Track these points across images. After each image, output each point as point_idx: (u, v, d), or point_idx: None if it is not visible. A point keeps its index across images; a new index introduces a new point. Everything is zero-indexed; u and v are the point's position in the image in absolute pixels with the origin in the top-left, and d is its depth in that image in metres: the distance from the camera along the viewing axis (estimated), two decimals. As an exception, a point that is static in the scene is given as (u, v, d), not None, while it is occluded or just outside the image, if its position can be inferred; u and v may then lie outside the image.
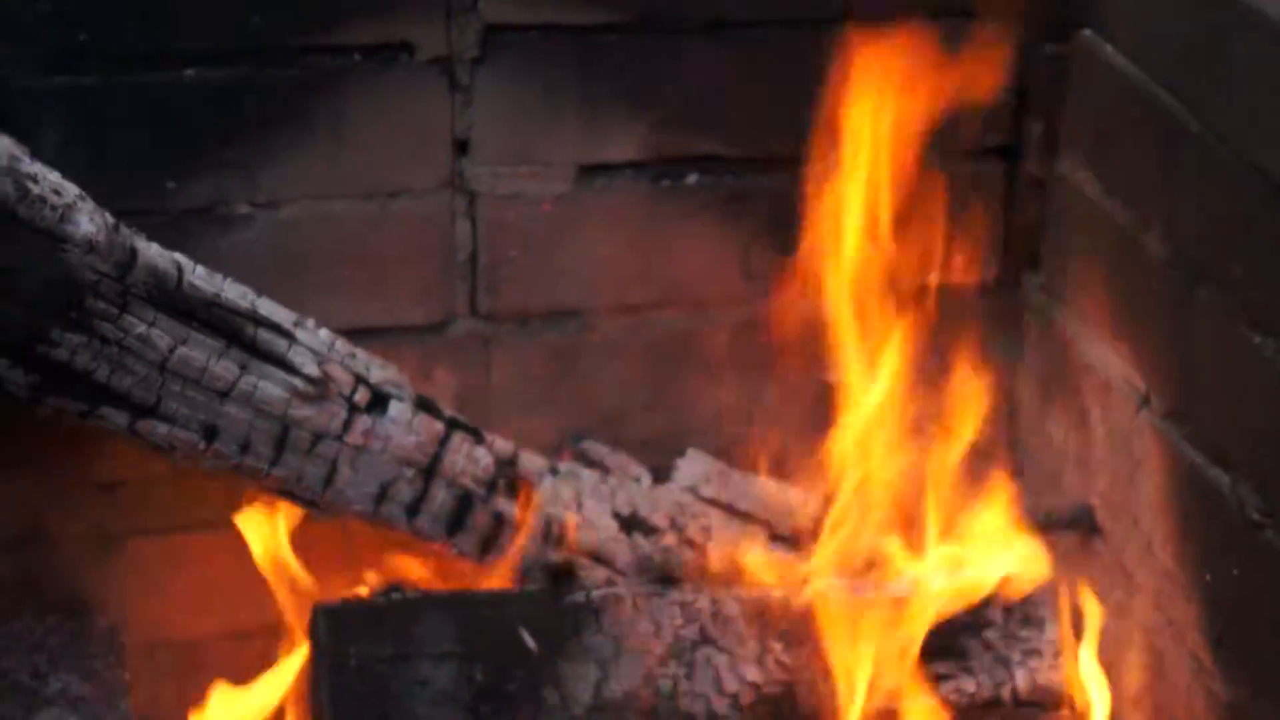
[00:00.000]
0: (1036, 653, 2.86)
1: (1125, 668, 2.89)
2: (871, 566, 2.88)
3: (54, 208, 2.52)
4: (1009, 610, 2.87)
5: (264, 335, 2.69)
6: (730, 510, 2.98)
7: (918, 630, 2.80)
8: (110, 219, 2.58)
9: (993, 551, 2.87)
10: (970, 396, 2.96)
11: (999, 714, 2.83)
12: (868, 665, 2.79)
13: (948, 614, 2.82)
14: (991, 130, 3.00)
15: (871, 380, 2.93)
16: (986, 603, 2.84)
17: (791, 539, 2.99)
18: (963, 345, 2.98)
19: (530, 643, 2.76)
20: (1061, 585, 2.89)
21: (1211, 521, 2.70)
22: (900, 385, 2.94)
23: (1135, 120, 2.82)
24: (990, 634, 2.86)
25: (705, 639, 2.80)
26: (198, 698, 2.80)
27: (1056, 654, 2.86)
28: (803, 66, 2.86)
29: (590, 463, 2.97)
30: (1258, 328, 2.59)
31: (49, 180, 2.53)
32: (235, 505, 2.84)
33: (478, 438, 2.83)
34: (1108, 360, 2.91)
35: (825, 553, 2.88)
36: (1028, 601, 2.87)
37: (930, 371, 2.96)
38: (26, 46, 2.65)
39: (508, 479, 2.85)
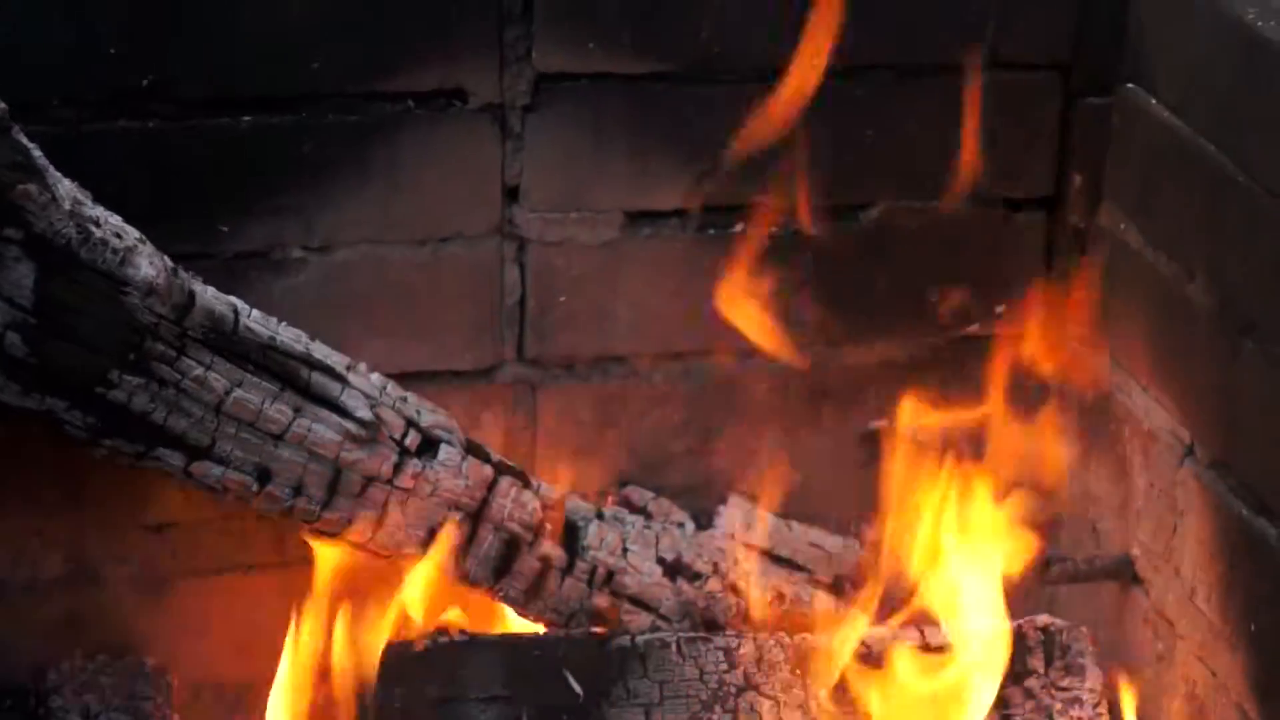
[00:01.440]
0: (1078, 701, 2.87)
1: (1168, 718, 2.90)
2: (914, 616, 2.90)
3: (115, 251, 2.54)
4: (1050, 658, 2.89)
5: (318, 379, 2.71)
6: (773, 557, 2.99)
7: (956, 680, 2.82)
8: (169, 262, 2.60)
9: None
10: (1014, 449, 2.98)
11: (1042, 762, 2.85)
12: (911, 714, 2.80)
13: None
14: (1033, 181, 3.03)
15: (916, 429, 2.96)
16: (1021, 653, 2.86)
17: (834, 586, 3.00)
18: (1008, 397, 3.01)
19: (576, 687, 2.77)
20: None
21: (1256, 572, 2.72)
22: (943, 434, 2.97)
23: (1178, 171, 2.84)
24: (1031, 682, 2.88)
25: (749, 684, 2.81)
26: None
27: (1097, 703, 2.87)
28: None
29: (634, 508, 2.98)
30: (1304, 379, 2.61)
31: (111, 224, 2.55)
32: (283, 548, 2.86)
33: (525, 482, 2.85)
34: (1150, 410, 2.93)
35: (869, 601, 2.89)
36: (1069, 650, 2.88)
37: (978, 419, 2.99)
38: (91, 90, 2.67)
39: (553, 524, 2.86)
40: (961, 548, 2.94)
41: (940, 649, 2.85)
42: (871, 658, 2.83)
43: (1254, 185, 2.68)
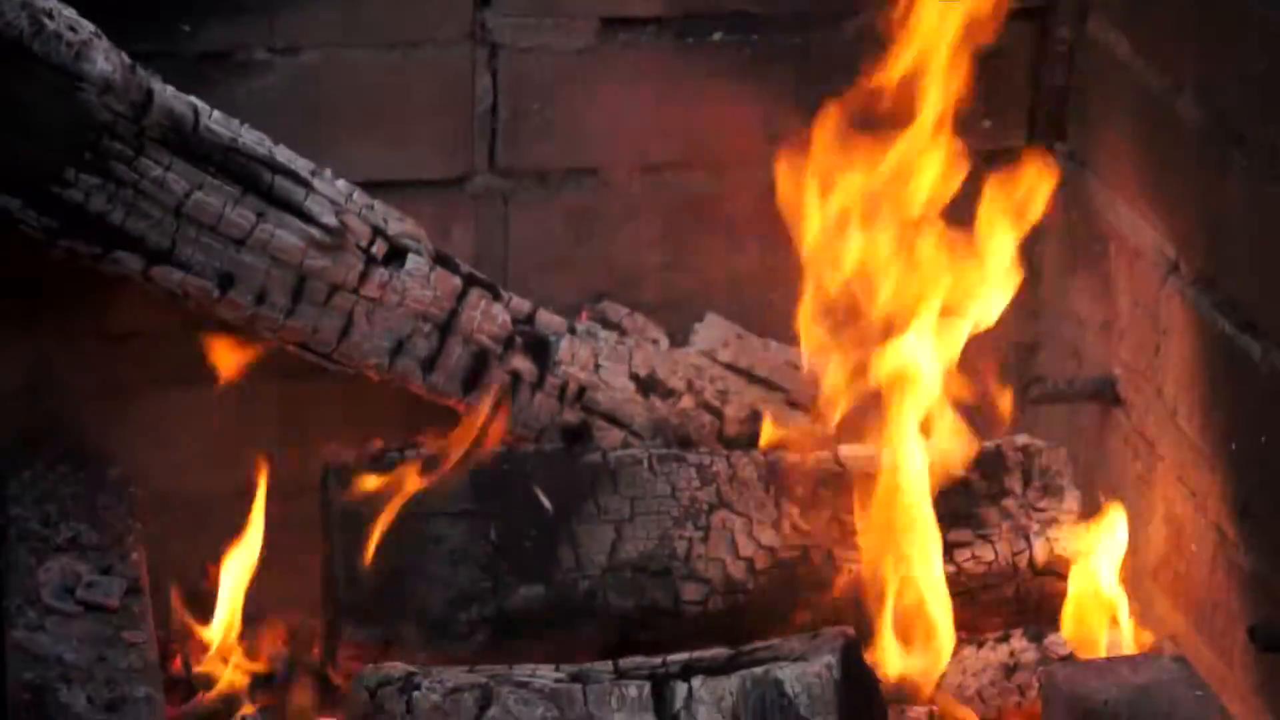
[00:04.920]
0: (1055, 522, 2.83)
1: (1146, 539, 2.86)
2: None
3: (69, 44, 2.48)
4: (1028, 479, 2.85)
5: (281, 183, 2.65)
6: (748, 375, 2.94)
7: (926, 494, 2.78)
8: (126, 59, 2.54)
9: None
10: (996, 265, 2.92)
11: (1016, 583, 2.81)
12: (884, 531, 2.76)
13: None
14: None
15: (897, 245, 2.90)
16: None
17: (808, 405, 2.95)
18: (989, 212, 2.94)
19: (545, 503, 2.73)
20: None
21: (1239, 390, 2.67)
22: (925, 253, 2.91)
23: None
24: (1009, 503, 2.84)
25: (722, 502, 2.77)
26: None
27: (1075, 524, 2.83)
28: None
29: (608, 324, 2.93)
30: (1293, 193, 2.56)
31: (65, 16, 2.49)
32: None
33: (495, 295, 2.80)
34: (1135, 227, 2.88)
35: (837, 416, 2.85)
36: (1047, 471, 2.84)
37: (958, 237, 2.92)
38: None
39: (525, 338, 2.81)
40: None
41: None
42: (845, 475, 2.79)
43: (1245, -4, 2.62)
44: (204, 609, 2.78)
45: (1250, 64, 2.63)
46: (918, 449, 2.79)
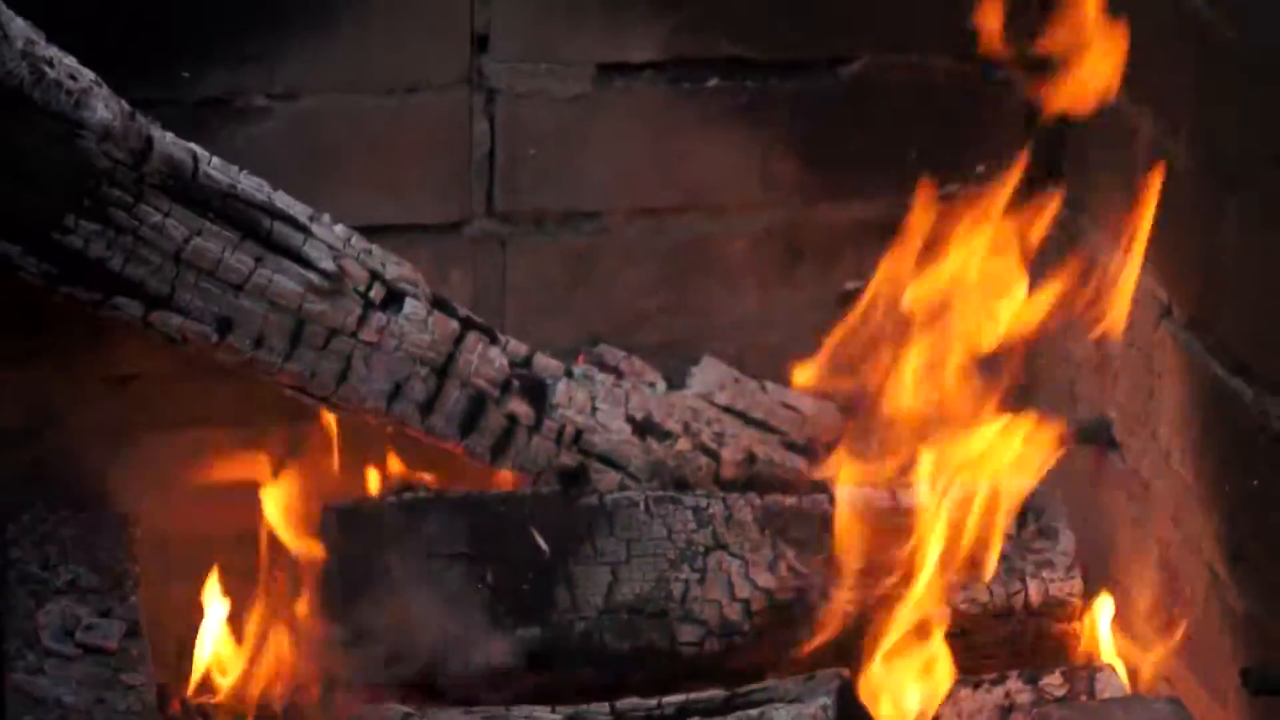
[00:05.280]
0: (1049, 564, 2.84)
1: (1140, 581, 2.87)
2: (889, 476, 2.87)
3: (69, 92, 2.50)
4: (1023, 522, 2.86)
5: (279, 229, 2.67)
6: (744, 418, 2.96)
7: (934, 540, 2.79)
8: (126, 106, 2.56)
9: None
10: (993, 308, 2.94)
11: (1011, 624, 2.82)
12: (883, 573, 2.78)
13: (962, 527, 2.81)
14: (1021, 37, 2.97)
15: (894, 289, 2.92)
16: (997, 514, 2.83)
17: (806, 447, 2.97)
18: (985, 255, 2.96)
19: (542, 544, 2.75)
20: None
21: (1232, 433, 2.68)
22: (923, 294, 2.93)
23: (1166, 27, 2.78)
24: (1004, 545, 2.85)
25: (718, 544, 2.78)
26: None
27: (1070, 565, 2.84)
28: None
29: (605, 367, 2.95)
30: (1283, 236, 2.57)
31: (65, 65, 2.51)
32: (248, 403, 2.83)
33: (492, 338, 2.81)
34: (1130, 270, 2.89)
35: (843, 460, 2.87)
36: (1043, 513, 2.85)
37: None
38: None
39: (522, 381, 2.83)
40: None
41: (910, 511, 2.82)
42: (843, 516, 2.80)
43: (1242, 40, 2.63)
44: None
45: (1245, 110, 2.65)
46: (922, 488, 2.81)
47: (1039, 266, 3.05)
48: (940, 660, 2.76)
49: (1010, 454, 2.83)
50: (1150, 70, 2.84)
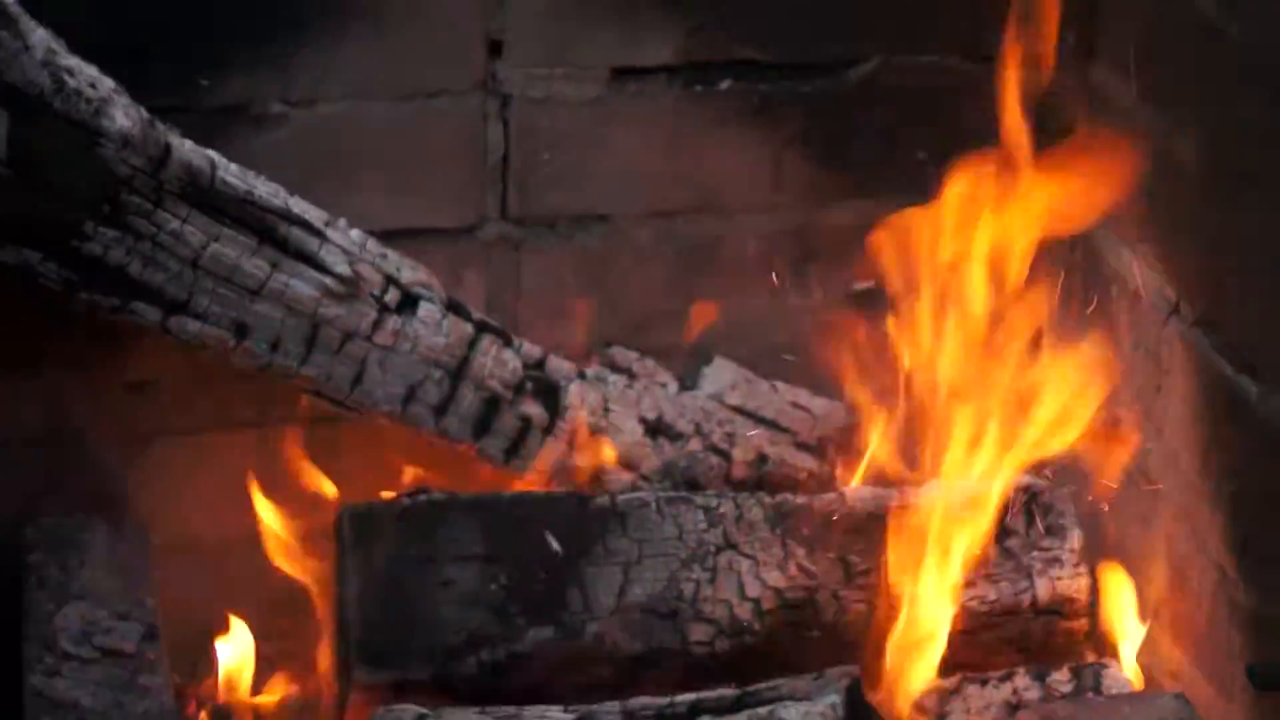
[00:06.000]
0: (1057, 561, 2.87)
1: (1148, 578, 2.90)
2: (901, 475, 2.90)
3: (89, 101, 2.53)
4: (1031, 519, 2.88)
5: (296, 234, 2.70)
6: (756, 418, 2.98)
7: (947, 537, 2.82)
8: (145, 114, 2.59)
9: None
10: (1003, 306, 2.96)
11: (1019, 622, 2.85)
12: (893, 572, 2.80)
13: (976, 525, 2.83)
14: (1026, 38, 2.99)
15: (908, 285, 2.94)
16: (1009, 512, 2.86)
17: (817, 447, 2.99)
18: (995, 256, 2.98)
19: (555, 545, 2.77)
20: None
21: (1238, 431, 2.70)
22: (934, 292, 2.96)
23: (1171, 25, 2.80)
24: (1012, 543, 2.87)
25: (729, 544, 2.81)
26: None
27: (1077, 563, 2.87)
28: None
29: (617, 368, 2.97)
30: (1291, 236, 2.59)
31: (85, 74, 2.54)
32: (265, 406, 2.86)
33: (506, 341, 2.84)
34: (1138, 269, 2.91)
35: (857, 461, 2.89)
36: (1050, 510, 2.88)
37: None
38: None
39: (535, 383, 2.86)
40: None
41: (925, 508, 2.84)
42: (853, 517, 2.83)
43: (1245, 37, 2.64)
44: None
45: (1250, 107, 2.66)
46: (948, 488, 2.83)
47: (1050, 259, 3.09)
48: (948, 659, 2.78)
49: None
50: (1155, 67, 2.86)
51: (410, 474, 2.86)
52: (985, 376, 2.90)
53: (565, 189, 2.95)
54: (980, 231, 2.91)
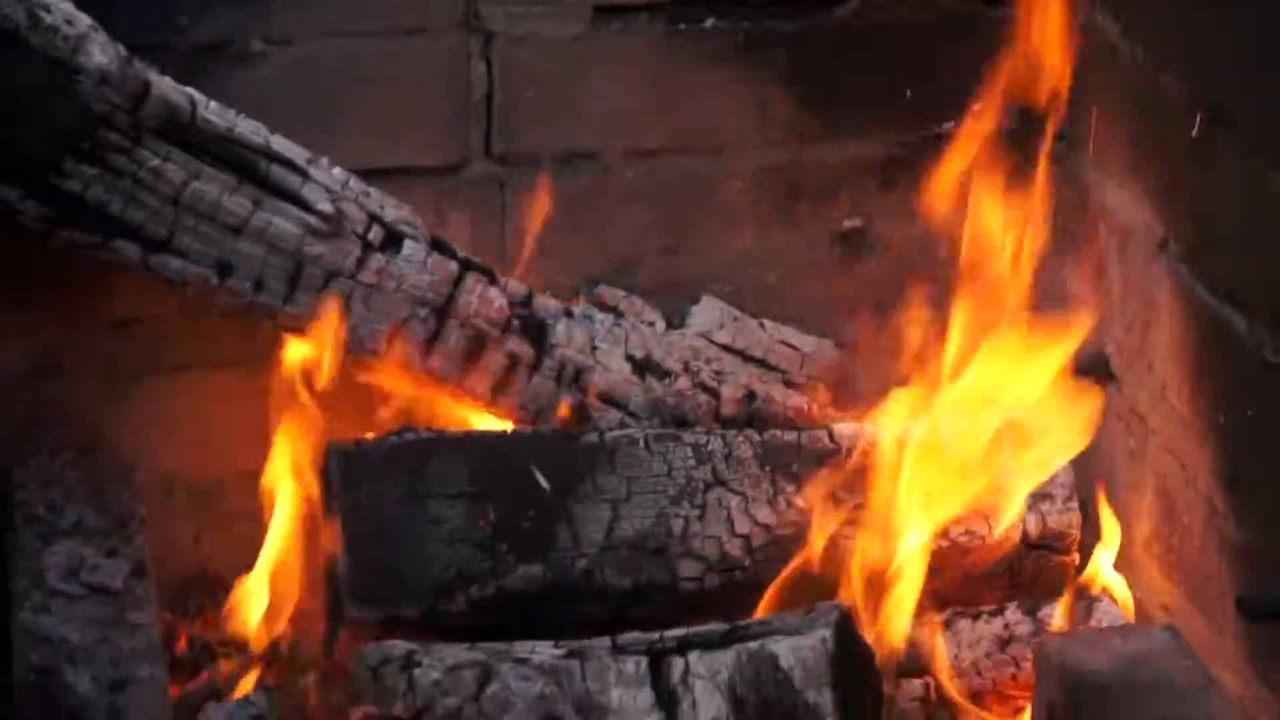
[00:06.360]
0: (1048, 497, 2.86)
1: (1137, 512, 2.89)
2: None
3: (66, 37, 2.51)
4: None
5: (277, 171, 2.68)
6: (744, 356, 2.97)
7: (931, 476, 2.81)
8: (123, 51, 2.58)
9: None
10: (991, 245, 2.95)
11: (1010, 557, 2.84)
12: (882, 506, 2.80)
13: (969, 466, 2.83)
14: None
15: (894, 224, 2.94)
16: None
17: (806, 385, 2.99)
18: (982, 192, 2.97)
19: (543, 482, 2.76)
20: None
21: (1226, 364, 2.70)
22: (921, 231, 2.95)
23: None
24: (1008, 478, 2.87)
25: (718, 480, 2.80)
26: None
27: (1068, 497, 2.86)
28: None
29: (604, 307, 2.96)
30: (1278, 168, 2.57)
31: (61, 9, 2.53)
32: (250, 344, 2.84)
33: (491, 279, 2.83)
34: (1126, 206, 2.90)
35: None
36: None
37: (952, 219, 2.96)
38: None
39: (522, 321, 2.85)
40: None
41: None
42: (840, 453, 2.82)
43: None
44: (206, 590, 2.82)
45: (1237, 43, 2.65)
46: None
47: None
48: (939, 593, 2.77)
49: (1022, 389, 2.84)
50: (1143, 4, 2.85)
51: (395, 408, 2.85)
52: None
53: (549, 128, 2.93)
54: None
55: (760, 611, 2.71)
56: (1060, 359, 2.85)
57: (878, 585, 2.75)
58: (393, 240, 2.76)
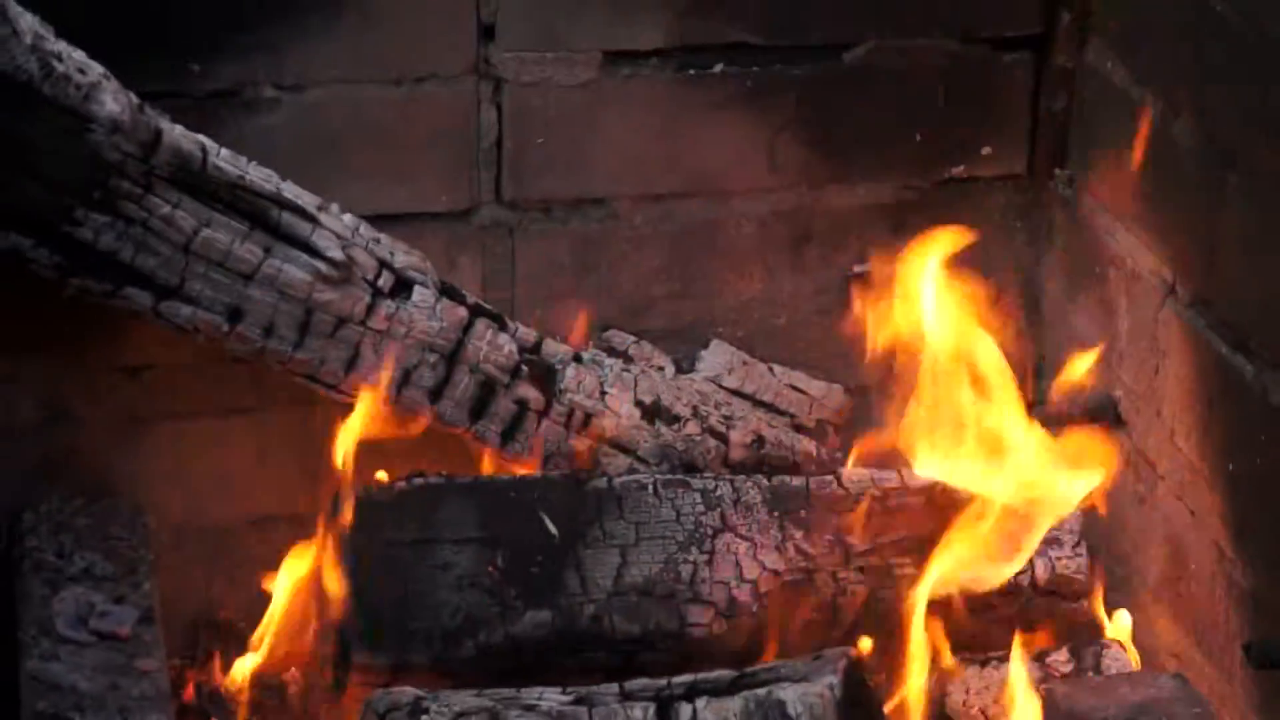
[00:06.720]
0: (1056, 542, 2.86)
1: (1147, 558, 2.89)
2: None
3: (78, 86, 2.52)
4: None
5: (288, 219, 2.69)
6: (753, 401, 2.98)
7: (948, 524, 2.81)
8: (135, 99, 2.59)
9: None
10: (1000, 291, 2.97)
11: (1018, 602, 2.84)
12: (893, 555, 2.80)
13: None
14: (1021, 19, 2.99)
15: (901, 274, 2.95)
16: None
17: (815, 430, 2.99)
18: (991, 238, 2.99)
19: (551, 528, 2.77)
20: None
21: (1234, 410, 2.70)
22: (931, 281, 2.95)
23: (1166, 7, 2.80)
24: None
25: (726, 526, 2.80)
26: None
27: (1076, 544, 2.86)
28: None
29: (614, 352, 2.97)
30: (1285, 215, 2.59)
31: (74, 59, 2.54)
32: (260, 391, 2.85)
33: (501, 324, 2.84)
34: (1134, 251, 2.91)
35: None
36: (1049, 493, 2.87)
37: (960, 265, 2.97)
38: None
39: (531, 366, 2.85)
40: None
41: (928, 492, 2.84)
42: (849, 499, 2.82)
43: (1240, 19, 2.64)
44: (215, 637, 2.83)
45: (1245, 89, 2.66)
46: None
47: (1045, 247, 3.09)
48: (947, 639, 2.77)
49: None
50: (1150, 51, 2.86)
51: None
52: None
53: (559, 173, 2.94)
54: None
55: (768, 658, 2.71)
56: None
57: (887, 632, 2.75)
58: (402, 286, 2.77)
